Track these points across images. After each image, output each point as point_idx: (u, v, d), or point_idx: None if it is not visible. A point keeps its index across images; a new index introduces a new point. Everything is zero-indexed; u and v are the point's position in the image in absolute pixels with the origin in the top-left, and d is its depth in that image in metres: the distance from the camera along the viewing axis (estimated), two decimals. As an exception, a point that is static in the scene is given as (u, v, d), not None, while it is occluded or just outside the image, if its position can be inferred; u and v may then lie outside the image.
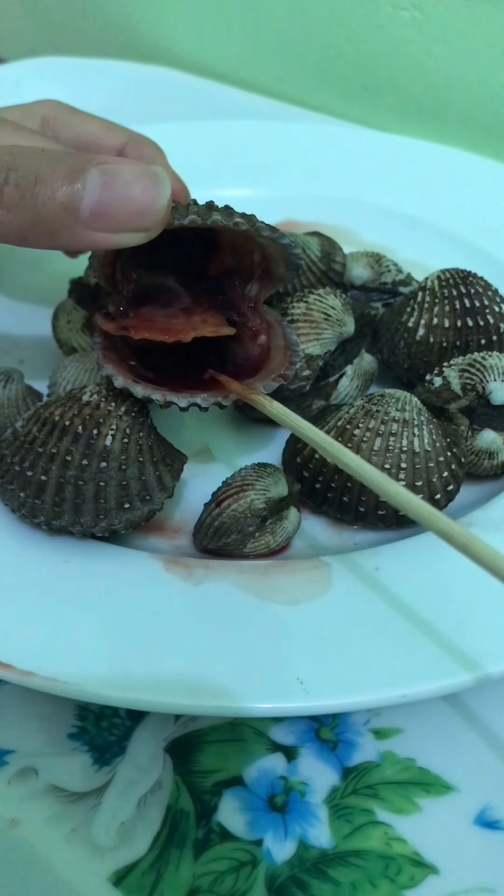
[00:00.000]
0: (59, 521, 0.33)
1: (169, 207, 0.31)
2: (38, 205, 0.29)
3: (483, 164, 0.58)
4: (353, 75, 0.69)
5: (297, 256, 0.34)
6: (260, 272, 0.36)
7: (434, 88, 0.65)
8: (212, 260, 0.36)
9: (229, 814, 0.29)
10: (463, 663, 0.29)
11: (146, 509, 0.34)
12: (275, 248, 0.34)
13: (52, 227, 0.30)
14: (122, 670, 0.29)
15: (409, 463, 0.35)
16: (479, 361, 0.38)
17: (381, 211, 0.55)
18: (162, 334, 0.33)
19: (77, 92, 0.71)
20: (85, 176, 0.29)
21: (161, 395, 0.33)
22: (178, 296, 0.36)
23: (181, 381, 0.34)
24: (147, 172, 0.30)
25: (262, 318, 0.36)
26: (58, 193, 0.29)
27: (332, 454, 0.31)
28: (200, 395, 0.34)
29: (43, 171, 0.29)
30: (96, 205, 0.29)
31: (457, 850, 0.28)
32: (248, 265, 0.36)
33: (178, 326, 0.34)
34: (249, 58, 0.74)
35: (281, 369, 0.35)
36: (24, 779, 0.30)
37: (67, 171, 0.29)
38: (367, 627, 0.31)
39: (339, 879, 0.27)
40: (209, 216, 0.32)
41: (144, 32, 0.80)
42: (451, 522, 0.27)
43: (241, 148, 0.59)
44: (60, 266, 0.47)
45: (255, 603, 0.31)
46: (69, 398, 0.34)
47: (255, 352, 0.36)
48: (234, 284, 0.36)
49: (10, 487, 0.34)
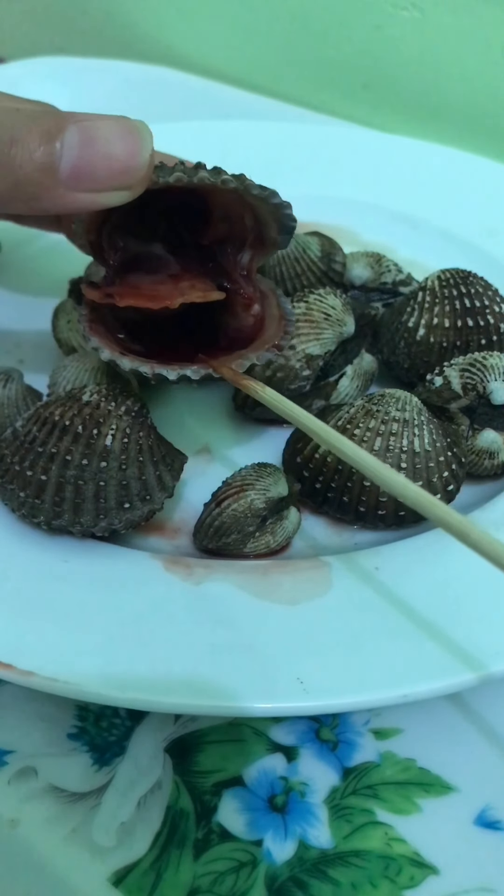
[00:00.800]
0: (59, 520, 0.33)
1: (152, 163, 0.30)
2: (15, 168, 0.28)
3: (483, 164, 0.58)
4: (353, 75, 0.69)
5: (291, 217, 0.33)
6: (252, 238, 0.34)
7: (434, 88, 0.65)
8: (202, 229, 0.35)
9: (229, 814, 0.29)
10: (463, 663, 0.29)
11: (146, 509, 0.34)
12: (266, 208, 0.33)
13: (31, 190, 0.29)
14: (122, 670, 0.29)
15: (409, 463, 0.35)
16: (479, 361, 0.38)
17: (381, 211, 0.55)
18: (148, 301, 0.32)
19: (77, 92, 0.71)
20: (63, 135, 0.28)
21: (149, 367, 0.32)
22: (167, 263, 0.35)
23: (172, 356, 0.33)
24: (127, 127, 0.29)
25: (256, 287, 0.35)
26: (35, 154, 0.28)
27: (326, 441, 0.30)
28: (190, 366, 0.32)
29: (18, 131, 0.28)
30: (75, 164, 0.28)
31: (457, 851, 0.28)
32: (239, 231, 0.34)
33: (165, 292, 0.33)
34: (249, 58, 0.74)
35: (276, 339, 0.34)
36: (24, 779, 0.30)
37: (44, 131, 0.28)
38: (367, 627, 0.31)
39: (339, 880, 0.27)
40: (195, 174, 0.31)
41: (144, 32, 0.80)
42: (451, 510, 0.27)
43: (241, 148, 0.58)
44: (60, 266, 0.47)
45: (255, 603, 0.31)
46: (69, 398, 0.34)
47: (248, 322, 0.35)
48: (227, 253, 0.35)
49: (9, 487, 0.34)
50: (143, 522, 0.34)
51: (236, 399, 0.41)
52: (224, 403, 0.42)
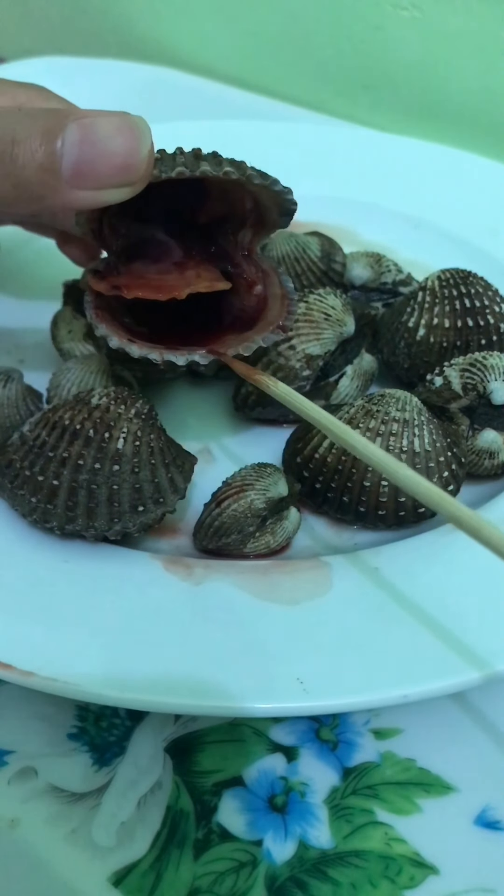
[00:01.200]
0: (73, 525, 0.33)
1: (152, 159, 0.30)
2: (17, 168, 0.28)
3: (483, 164, 0.58)
4: (353, 75, 0.69)
5: (292, 202, 0.33)
6: (252, 219, 0.35)
7: (434, 88, 0.65)
8: (202, 207, 0.35)
9: (229, 814, 0.29)
10: (463, 663, 0.29)
11: (159, 511, 0.33)
12: (267, 194, 0.33)
13: (34, 190, 0.29)
14: (123, 670, 0.29)
15: (409, 463, 0.35)
16: (479, 361, 0.38)
17: (381, 211, 0.55)
18: (156, 292, 0.33)
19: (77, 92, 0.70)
20: (63, 133, 0.28)
21: (158, 353, 0.32)
22: (169, 249, 0.35)
23: (177, 336, 0.33)
24: (126, 123, 0.29)
25: (257, 267, 0.35)
26: (37, 154, 0.28)
27: (337, 435, 0.30)
28: (198, 351, 0.33)
29: (19, 132, 0.28)
30: (77, 163, 0.28)
31: (457, 851, 0.28)
32: (239, 211, 0.35)
33: (172, 283, 0.33)
34: (249, 58, 0.74)
35: (280, 320, 0.34)
36: (24, 779, 0.30)
37: (45, 130, 0.28)
38: (367, 627, 0.31)
39: (339, 880, 0.27)
40: (197, 166, 0.31)
41: (144, 32, 0.80)
42: (462, 506, 0.27)
43: (242, 148, 0.58)
44: (61, 266, 0.47)
45: (255, 603, 0.31)
46: (77, 401, 0.34)
47: (251, 302, 0.35)
48: (227, 232, 0.35)
49: (20, 492, 0.34)
50: (157, 525, 0.34)
51: (236, 399, 0.41)
52: (224, 403, 0.42)
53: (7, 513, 0.35)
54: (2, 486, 0.35)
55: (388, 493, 0.35)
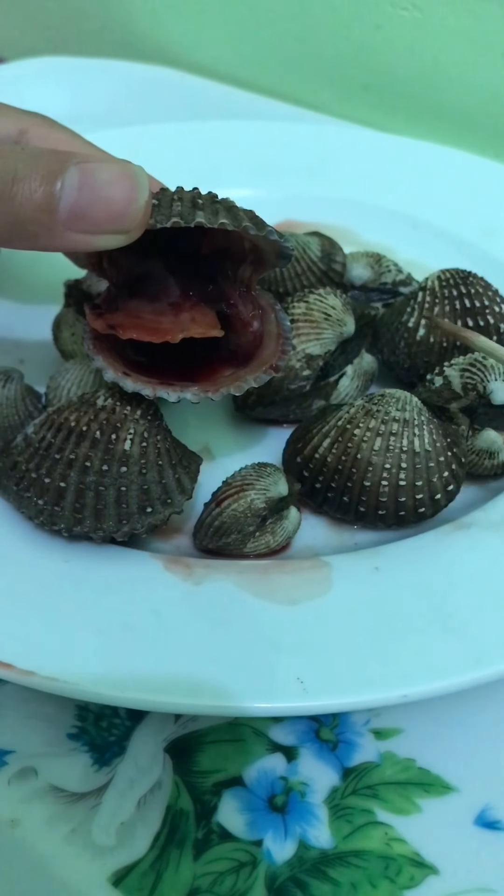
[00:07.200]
0: (80, 527, 0.33)
1: (148, 209, 0.30)
2: (15, 206, 0.28)
3: (483, 164, 0.58)
4: (353, 75, 0.69)
5: (289, 249, 0.34)
6: (252, 257, 0.35)
7: (434, 88, 0.65)
8: (204, 237, 0.35)
9: (229, 814, 0.29)
10: (463, 663, 0.29)
11: (167, 512, 0.33)
12: (265, 242, 0.33)
13: (30, 229, 0.29)
14: (123, 670, 0.29)
15: (409, 463, 0.35)
16: (479, 361, 0.38)
17: (381, 211, 0.55)
18: (150, 335, 0.33)
19: (77, 92, 0.71)
20: (64, 176, 0.29)
21: (151, 389, 0.33)
22: (167, 286, 0.36)
23: (175, 362, 0.34)
24: (125, 172, 0.30)
25: (255, 304, 0.36)
26: (36, 194, 0.28)
27: None
28: (191, 388, 0.33)
29: (21, 170, 0.29)
30: (74, 206, 0.29)
31: (457, 851, 0.28)
32: (238, 249, 0.35)
33: (167, 326, 0.34)
34: (249, 58, 0.74)
35: (273, 360, 0.34)
36: (24, 779, 0.30)
37: (46, 171, 0.29)
38: (367, 627, 0.31)
39: (339, 880, 0.27)
40: (193, 217, 0.31)
41: (144, 32, 0.80)
42: None
43: (241, 148, 0.59)
44: (61, 266, 0.47)
45: (255, 603, 0.31)
46: (83, 403, 0.34)
47: (247, 338, 0.35)
48: (226, 269, 0.35)
49: (26, 495, 0.33)
50: (164, 526, 0.34)
51: (237, 399, 0.41)
52: (224, 403, 0.42)
53: (8, 513, 0.35)
54: (6, 489, 0.35)
55: (389, 493, 0.35)
